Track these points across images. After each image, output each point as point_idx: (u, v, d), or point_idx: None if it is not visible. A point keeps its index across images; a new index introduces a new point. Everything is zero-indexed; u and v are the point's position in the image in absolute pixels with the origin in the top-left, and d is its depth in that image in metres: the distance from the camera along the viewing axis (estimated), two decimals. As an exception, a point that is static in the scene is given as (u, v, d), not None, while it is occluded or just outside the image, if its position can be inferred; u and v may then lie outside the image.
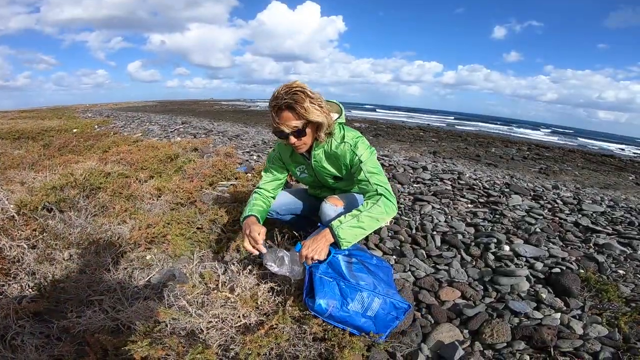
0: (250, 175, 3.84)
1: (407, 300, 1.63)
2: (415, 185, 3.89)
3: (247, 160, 4.70)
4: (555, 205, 3.50)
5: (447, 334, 1.64)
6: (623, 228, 2.98)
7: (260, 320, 1.51)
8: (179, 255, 2.23)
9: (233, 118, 19.98)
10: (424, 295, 1.92)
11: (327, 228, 1.58)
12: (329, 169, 1.86)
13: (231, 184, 3.49)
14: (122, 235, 2.42)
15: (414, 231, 2.66)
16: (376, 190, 1.64)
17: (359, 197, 1.96)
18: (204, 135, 7.38)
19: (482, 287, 2.03)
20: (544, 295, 1.91)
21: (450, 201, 3.36)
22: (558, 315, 1.78)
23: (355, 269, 1.57)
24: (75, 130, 8.95)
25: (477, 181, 4.16)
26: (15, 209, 2.67)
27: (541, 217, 3.08)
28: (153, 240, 2.35)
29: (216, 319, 1.47)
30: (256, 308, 1.55)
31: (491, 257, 2.28)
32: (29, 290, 1.94)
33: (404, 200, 3.35)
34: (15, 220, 2.58)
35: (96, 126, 10.21)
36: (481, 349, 1.58)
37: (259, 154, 5.18)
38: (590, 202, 3.67)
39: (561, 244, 2.59)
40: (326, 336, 1.44)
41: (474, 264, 2.26)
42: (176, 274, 1.97)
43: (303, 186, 2.36)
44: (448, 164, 6.70)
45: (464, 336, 1.66)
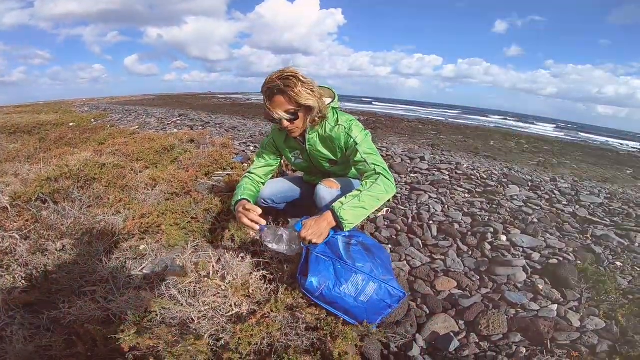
0: (246, 165, 3.81)
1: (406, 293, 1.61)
2: (412, 175, 3.86)
3: (244, 150, 4.66)
4: (553, 196, 3.48)
5: (443, 324, 1.63)
6: (621, 220, 2.97)
7: (252, 309, 1.48)
8: (173, 245, 2.21)
9: (231, 111, 19.86)
10: (419, 285, 1.90)
11: (329, 211, 1.56)
12: (324, 153, 1.85)
13: (227, 174, 3.46)
14: (116, 226, 2.39)
15: (410, 220, 2.64)
16: (374, 169, 1.64)
17: (354, 181, 1.95)
18: (201, 128, 7.32)
19: (479, 277, 2.01)
20: (540, 287, 1.90)
21: (448, 191, 3.34)
22: (555, 307, 1.76)
23: (353, 251, 1.55)
24: (72, 124, 8.87)
25: (475, 171, 4.14)
26: (8, 201, 2.64)
27: (539, 208, 3.06)
28: (147, 230, 2.33)
29: (207, 308, 1.45)
30: (247, 297, 1.52)
31: (488, 247, 2.27)
32: (22, 282, 1.92)
33: (401, 189, 3.33)
34: (8, 211, 2.55)
35: (93, 120, 10.12)
36: (477, 340, 1.57)
37: (256, 145, 5.14)
38: (588, 194, 3.66)
39: (558, 234, 2.57)
40: (319, 325, 1.42)
41: (470, 253, 2.25)
42: (169, 264, 1.95)
43: (299, 174, 2.34)
44: (446, 156, 6.66)
45: (459, 327, 1.64)
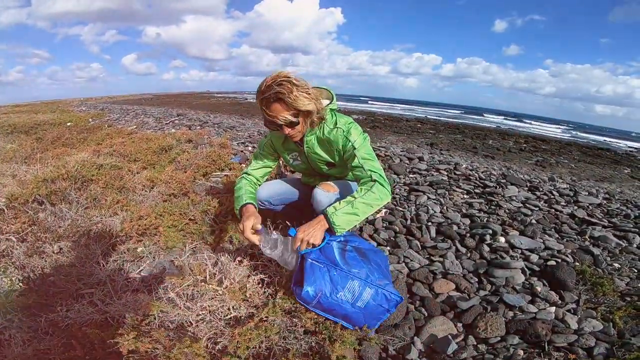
0: (244, 165, 3.80)
1: (400, 293, 1.61)
2: (411, 175, 3.86)
3: (242, 151, 4.65)
4: (552, 196, 3.48)
5: (441, 327, 1.63)
6: (619, 220, 2.97)
7: (250, 312, 1.48)
8: (170, 247, 2.20)
9: (229, 110, 19.86)
10: (417, 287, 1.90)
11: (322, 215, 1.57)
12: (322, 155, 1.84)
13: (225, 175, 3.45)
14: (114, 228, 2.38)
15: (408, 222, 2.64)
16: (370, 176, 1.64)
17: (352, 184, 1.94)
18: (199, 127, 7.31)
19: (477, 280, 2.01)
20: (539, 289, 1.90)
21: (446, 192, 3.33)
22: (553, 309, 1.76)
23: (349, 257, 1.54)
24: (69, 124, 8.84)
25: (474, 172, 4.14)
26: (5, 202, 2.63)
27: (537, 209, 3.06)
28: (145, 232, 2.32)
29: (205, 312, 1.45)
30: (245, 300, 1.52)
31: (486, 249, 2.26)
32: (19, 284, 1.91)
33: (399, 190, 3.32)
34: (5, 213, 2.54)
35: (90, 119, 10.10)
36: (475, 343, 1.57)
37: (254, 145, 5.13)
38: (586, 194, 3.66)
39: (557, 236, 2.57)
40: (317, 329, 1.41)
41: (468, 255, 2.24)
42: (167, 266, 1.94)
43: (297, 176, 2.33)
44: (445, 155, 6.67)
45: (457, 330, 1.64)
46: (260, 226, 1.63)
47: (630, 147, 23.41)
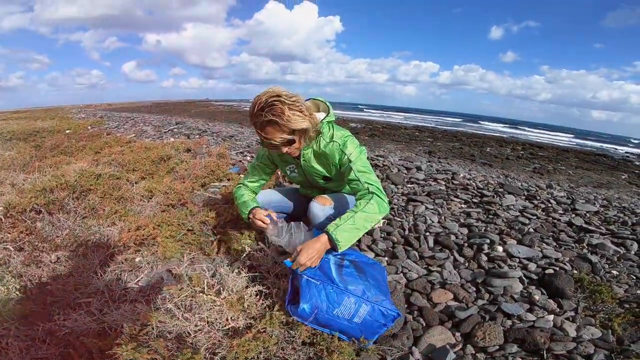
0: (242, 176, 3.80)
1: (398, 305, 1.61)
2: (409, 185, 3.87)
3: (240, 160, 4.66)
4: (549, 205, 3.49)
5: (439, 337, 1.62)
6: (616, 227, 2.98)
7: (248, 323, 1.48)
8: (168, 257, 2.20)
9: (228, 118, 19.91)
10: (415, 297, 1.89)
11: (324, 233, 1.55)
12: (318, 169, 1.84)
13: (223, 185, 3.45)
14: (111, 237, 2.38)
15: (406, 232, 2.64)
16: (367, 189, 1.64)
17: (349, 197, 1.95)
18: (197, 136, 7.32)
19: (475, 289, 2.01)
20: (537, 297, 1.90)
21: (444, 201, 3.34)
22: (551, 317, 1.76)
23: (345, 273, 1.53)
24: (68, 131, 8.85)
25: (471, 181, 4.15)
26: (2, 211, 2.63)
27: (535, 217, 3.07)
28: (143, 242, 2.32)
29: (203, 322, 1.45)
30: (243, 311, 1.52)
31: (484, 258, 2.26)
32: (16, 293, 1.91)
33: (397, 200, 3.33)
34: (2, 222, 2.54)
35: (89, 127, 10.11)
36: (473, 352, 1.56)
37: (253, 154, 5.14)
38: (583, 202, 3.67)
39: (555, 244, 2.57)
40: (315, 340, 1.41)
41: (466, 265, 2.25)
42: (164, 277, 1.94)
43: (295, 186, 2.34)
44: (443, 164, 6.70)
45: (455, 339, 1.64)
46: (273, 215, 1.76)
47: (627, 153, 23.52)
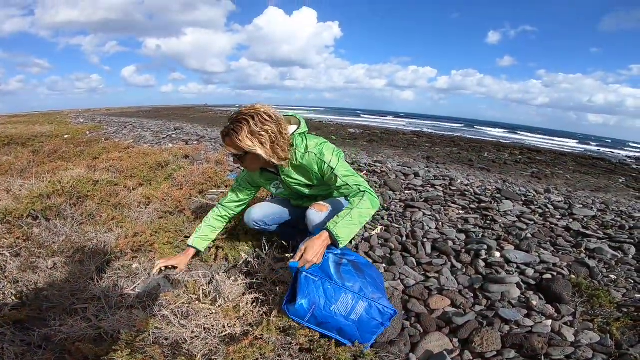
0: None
1: (395, 308, 1.60)
2: (406, 192, 3.87)
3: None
4: (547, 210, 3.50)
5: (437, 343, 1.62)
6: (614, 232, 2.98)
7: (245, 330, 1.47)
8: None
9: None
10: (413, 303, 1.89)
11: (324, 230, 1.60)
12: (299, 179, 1.88)
13: (221, 192, 3.45)
14: (108, 244, 2.37)
15: (404, 238, 2.64)
16: (358, 189, 1.71)
17: (343, 201, 1.97)
18: (196, 142, 7.33)
19: (472, 295, 2.00)
20: (534, 302, 1.90)
21: (442, 207, 3.35)
22: (549, 322, 1.76)
23: (343, 271, 1.56)
24: (66, 136, 8.84)
25: (469, 187, 4.16)
26: (-1, 217, 2.62)
27: (532, 223, 3.07)
28: (140, 248, 2.31)
29: (200, 329, 1.44)
30: (240, 318, 1.51)
31: (482, 264, 2.26)
32: (12, 298, 1.90)
33: (395, 207, 3.33)
34: (-1, 228, 2.53)
35: (87, 132, 10.12)
36: (471, 358, 1.56)
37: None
38: (581, 207, 3.68)
39: (552, 249, 2.58)
40: (312, 347, 1.41)
41: (464, 271, 2.24)
42: (161, 283, 1.93)
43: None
44: (441, 169, 6.71)
45: (453, 345, 1.63)
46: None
47: (625, 156, 23.55)
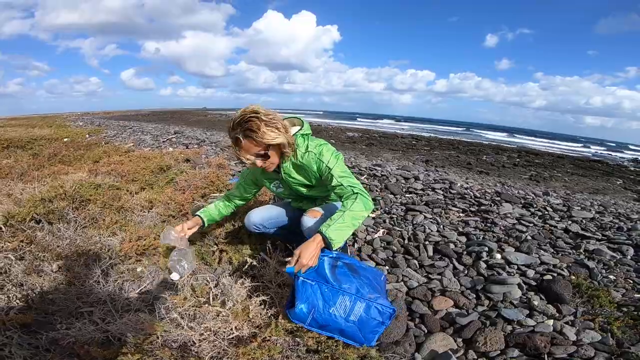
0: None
1: (398, 310, 1.63)
2: (407, 195, 3.90)
3: (240, 171, 4.68)
4: (546, 212, 3.53)
5: (441, 343, 1.64)
6: (612, 233, 3.02)
7: (253, 332, 1.49)
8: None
9: (226, 128, 19.85)
10: (417, 305, 1.92)
11: (317, 233, 1.60)
12: (298, 179, 1.91)
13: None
14: (112, 247, 2.38)
15: (406, 241, 2.67)
16: (352, 190, 1.71)
17: (339, 206, 1.99)
18: (196, 146, 7.34)
19: (475, 296, 2.03)
20: (536, 303, 1.92)
21: (442, 210, 3.38)
22: (551, 322, 1.79)
23: (339, 273, 1.58)
24: (66, 139, 8.82)
25: (469, 190, 4.19)
26: (2, 220, 2.62)
27: (532, 225, 3.11)
28: (144, 252, 2.32)
29: (208, 332, 1.46)
30: (248, 321, 1.53)
31: (483, 266, 2.29)
32: (17, 301, 1.90)
33: (396, 210, 3.36)
34: (2, 231, 2.53)
35: (87, 135, 10.09)
36: (475, 357, 1.58)
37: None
38: (579, 209, 3.72)
39: (552, 250, 2.61)
40: (319, 348, 1.43)
41: (466, 272, 2.27)
42: (167, 287, 1.94)
43: (288, 200, 2.37)
44: (440, 173, 6.74)
45: (457, 345, 1.66)
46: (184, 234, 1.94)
47: (622, 158, 23.61)
